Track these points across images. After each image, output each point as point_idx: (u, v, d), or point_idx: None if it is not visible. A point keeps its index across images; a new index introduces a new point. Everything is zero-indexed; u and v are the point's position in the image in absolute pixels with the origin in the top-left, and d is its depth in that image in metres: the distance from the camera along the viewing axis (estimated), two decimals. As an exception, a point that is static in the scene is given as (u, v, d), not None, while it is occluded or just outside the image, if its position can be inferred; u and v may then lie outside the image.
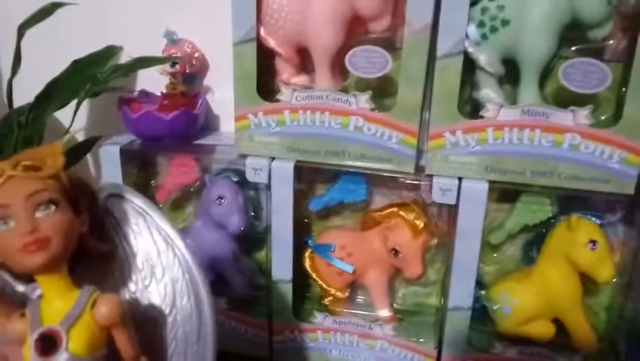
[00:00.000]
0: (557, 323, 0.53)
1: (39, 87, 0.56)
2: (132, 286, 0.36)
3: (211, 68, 0.62)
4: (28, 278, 0.33)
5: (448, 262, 0.54)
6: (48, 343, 0.29)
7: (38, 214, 0.30)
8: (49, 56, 0.57)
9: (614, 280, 0.50)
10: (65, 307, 0.31)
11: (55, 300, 0.31)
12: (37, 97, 0.55)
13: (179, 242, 0.35)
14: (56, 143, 0.32)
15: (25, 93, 0.56)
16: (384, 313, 0.57)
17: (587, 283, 0.52)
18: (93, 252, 0.33)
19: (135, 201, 0.36)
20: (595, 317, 0.55)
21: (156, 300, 0.36)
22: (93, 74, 0.54)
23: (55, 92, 0.54)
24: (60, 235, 0.30)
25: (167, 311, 0.35)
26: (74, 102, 0.54)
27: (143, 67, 0.54)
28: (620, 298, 0.54)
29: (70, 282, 0.32)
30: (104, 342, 0.32)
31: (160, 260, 0.35)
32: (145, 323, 0.33)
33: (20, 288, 0.35)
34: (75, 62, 0.57)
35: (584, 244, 0.49)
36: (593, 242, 0.49)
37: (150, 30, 0.58)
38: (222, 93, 0.62)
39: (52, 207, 0.30)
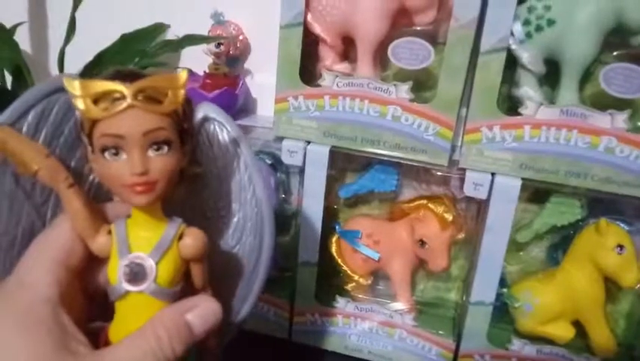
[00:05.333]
0: (577, 325, 0.53)
1: (87, 58, 0.58)
2: (208, 213, 0.35)
3: (253, 52, 0.63)
4: None
5: (473, 257, 0.55)
6: (138, 271, 0.29)
7: (150, 153, 0.28)
8: (99, 29, 0.59)
9: (638, 286, 0.51)
10: (154, 236, 0.30)
11: (144, 226, 0.31)
12: (85, 66, 0.56)
13: (260, 185, 0.35)
14: (180, 74, 0.29)
15: (74, 63, 0.57)
16: (406, 303, 0.58)
17: (608, 290, 0.52)
18: (184, 173, 0.32)
19: (231, 130, 0.34)
20: (614, 323, 0.55)
21: (226, 231, 0.36)
22: (141, 49, 0.55)
23: (104, 64, 0.55)
24: (167, 177, 0.29)
25: (232, 244, 0.36)
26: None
27: (191, 44, 0.56)
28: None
29: (161, 211, 0.31)
30: (184, 275, 0.31)
31: (240, 196, 0.35)
32: (210, 251, 0.33)
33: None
34: (124, 36, 0.58)
35: (611, 248, 0.49)
36: (621, 247, 0.49)
37: (195, 10, 0.60)
38: (261, 78, 0.63)
39: (165, 148, 0.29)
